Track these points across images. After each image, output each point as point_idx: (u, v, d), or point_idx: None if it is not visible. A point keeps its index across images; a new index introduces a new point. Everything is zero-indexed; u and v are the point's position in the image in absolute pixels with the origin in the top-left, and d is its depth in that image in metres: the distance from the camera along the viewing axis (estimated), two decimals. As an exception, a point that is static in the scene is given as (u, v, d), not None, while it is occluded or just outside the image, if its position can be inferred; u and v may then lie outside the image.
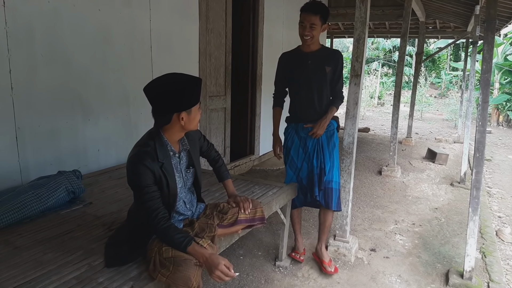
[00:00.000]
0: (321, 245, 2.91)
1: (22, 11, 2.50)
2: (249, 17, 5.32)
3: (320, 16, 2.51)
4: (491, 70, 2.66)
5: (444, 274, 2.92)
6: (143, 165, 1.60)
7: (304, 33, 2.54)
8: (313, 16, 2.49)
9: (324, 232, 2.89)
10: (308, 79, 2.65)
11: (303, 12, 2.54)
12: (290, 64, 2.71)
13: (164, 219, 1.63)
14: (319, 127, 2.66)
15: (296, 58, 2.69)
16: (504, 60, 12.60)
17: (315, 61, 2.64)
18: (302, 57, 2.66)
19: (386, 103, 16.67)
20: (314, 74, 2.64)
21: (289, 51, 2.78)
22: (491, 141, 9.32)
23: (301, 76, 2.66)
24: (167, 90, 1.62)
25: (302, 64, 2.65)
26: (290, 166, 2.84)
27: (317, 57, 2.64)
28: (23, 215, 2.07)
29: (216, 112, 4.69)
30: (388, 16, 8.11)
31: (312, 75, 2.64)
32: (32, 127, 2.64)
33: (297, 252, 3.00)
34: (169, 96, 1.62)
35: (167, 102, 1.63)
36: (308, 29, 2.52)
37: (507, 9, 4.80)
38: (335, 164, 2.73)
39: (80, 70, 2.93)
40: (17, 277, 1.56)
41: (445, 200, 4.66)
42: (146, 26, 3.47)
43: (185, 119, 1.67)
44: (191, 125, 1.71)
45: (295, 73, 2.68)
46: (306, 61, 2.64)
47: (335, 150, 2.75)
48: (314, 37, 2.56)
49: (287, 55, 2.76)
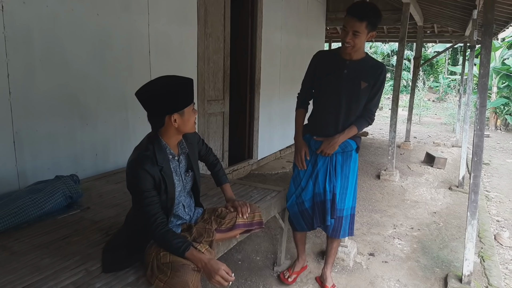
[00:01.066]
0: (326, 270, 2.74)
1: (20, 16, 2.50)
2: (248, 22, 5.34)
3: (368, 23, 2.13)
4: (489, 74, 2.66)
5: (443, 279, 2.91)
6: (143, 169, 1.59)
7: (346, 40, 2.17)
8: (357, 22, 2.11)
9: (332, 256, 2.71)
10: (338, 90, 2.29)
11: (348, 15, 2.15)
12: (323, 66, 2.35)
13: (163, 224, 1.62)
14: (328, 146, 2.33)
15: (332, 62, 2.32)
16: (502, 64, 12.67)
17: (351, 72, 2.27)
18: (339, 63, 2.29)
19: (384, 107, 16.68)
20: (346, 86, 2.28)
21: (328, 50, 2.47)
22: (489, 145, 9.34)
23: (330, 84, 2.31)
24: (157, 92, 1.63)
25: (336, 71, 2.29)
26: (293, 181, 2.54)
27: (355, 68, 2.27)
28: (20, 220, 2.06)
29: (214, 116, 4.69)
30: (386, 21, 8.13)
31: (344, 87, 2.28)
32: (30, 132, 2.64)
33: (290, 271, 2.77)
34: (160, 99, 1.62)
35: (158, 105, 1.64)
36: (350, 35, 2.15)
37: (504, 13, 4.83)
38: (349, 190, 2.44)
39: (78, 75, 2.93)
40: (14, 283, 1.55)
41: (444, 204, 4.66)
42: (144, 30, 3.48)
43: (178, 121, 1.66)
44: (185, 127, 1.70)
45: (326, 79, 2.32)
46: (342, 70, 2.28)
47: (350, 175, 2.42)
48: (356, 46, 2.19)
49: (323, 55, 2.42)
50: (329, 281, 2.71)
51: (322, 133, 2.40)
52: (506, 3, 4.08)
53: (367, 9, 2.14)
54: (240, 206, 2.04)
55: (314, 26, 7.69)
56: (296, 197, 2.53)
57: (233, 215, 2.02)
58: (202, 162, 2.18)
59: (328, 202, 2.40)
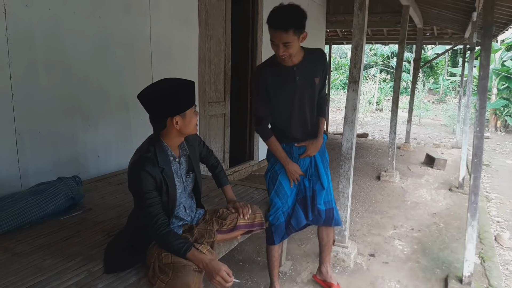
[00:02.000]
0: (327, 267, 2.65)
1: (22, 18, 2.52)
2: (248, 24, 5.36)
3: (294, 30, 1.98)
4: (489, 76, 2.68)
5: (443, 280, 2.92)
6: (144, 170, 1.60)
7: (279, 54, 2.06)
8: (284, 34, 1.98)
9: (328, 251, 2.62)
10: (297, 97, 2.23)
11: (271, 28, 2.01)
12: (274, 81, 2.20)
13: (164, 225, 1.63)
14: (314, 148, 2.32)
15: (280, 74, 2.19)
16: (501, 66, 12.68)
17: (302, 76, 2.20)
18: (288, 73, 2.18)
19: (384, 108, 16.71)
20: (306, 91, 2.23)
21: (268, 63, 2.24)
22: (489, 147, 9.35)
23: (288, 95, 2.22)
24: (159, 94, 1.64)
25: (289, 82, 2.19)
26: (277, 194, 2.37)
27: (303, 70, 2.20)
28: (22, 221, 2.07)
29: (215, 118, 4.70)
30: (386, 23, 8.16)
31: (304, 94, 2.23)
32: (32, 133, 2.65)
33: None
34: (161, 101, 1.63)
35: (160, 107, 1.64)
36: (282, 48, 2.03)
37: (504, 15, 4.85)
38: (330, 181, 2.44)
39: (80, 77, 2.95)
40: (16, 284, 1.56)
41: (444, 205, 4.67)
42: (146, 33, 3.50)
43: (180, 123, 1.67)
44: (187, 129, 1.71)
45: (282, 92, 2.21)
46: (294, 77, 2.18)
47: (328, 167, 2.46)
48: (292, 55, 2.09)
49: (267, 70, 2.21)
50: (334, 279, 2.64)
51: (298, 137, 2.34)
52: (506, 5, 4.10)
53: (288, 17, 1.97)
54: (241, 207, 2.05)
55: (314, 28, 7.71)
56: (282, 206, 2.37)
57: (234, 216, 2.03)
58: (203, 164, 2.19)
59: (308, 198, 2.38)
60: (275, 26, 1.99)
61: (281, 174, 2.37)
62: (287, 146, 2.36)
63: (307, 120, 2.32)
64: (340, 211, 3.04)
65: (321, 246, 2.64)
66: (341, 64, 22.08)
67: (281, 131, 2.33)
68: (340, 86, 20.50)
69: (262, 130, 2.31)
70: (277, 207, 2.36)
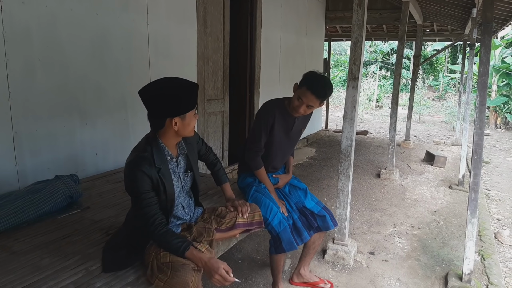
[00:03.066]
0: (306, 268, 2.72)
1: (19, 16, 2.50)
2: (247, 21, 5.33)
3: (321, 100, 2.36)
4: (488, 73, 2.66)
5: (443, 277, 2.91)
6: (140, 170, 1.59)
7: (299, 110, 2.36)
8: (315, 99, 2.31)
9: (311, 255, 2.68)
10: (292, 142, 2.62)
11: (307, 89, 2.29)
12: (278, 125, 2.46)
13: (162, 224, 1.62)
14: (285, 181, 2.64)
15: (285, 120, 2.48)
16: (502, 62, 12.65)
17: (296, 126, 2.55)
18: (290, 121, 2.50)
19: (384, 105, 16.68)
20: (294, 137, 2.61)
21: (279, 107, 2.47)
22: (489, 144, 9.34)
23: (284, 141, 2.54)
24: (161, 94, 1.61)
25: (288, 129, 2.52)
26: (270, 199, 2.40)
27: (299, 123, 2.56)
28: (20, 220, 2.06)
29: (214, 115, 4.69)
30: (386, 19, 8.13)
31: (294, 139, 2.61)
32: (30, 132, 2.63)
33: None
34: (163, 100, 1.61)
35: (161, 106, 1.62)
36: (304, 108, 2.35)
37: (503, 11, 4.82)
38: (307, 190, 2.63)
39: (77, 74, 2.93)
40: (14, 282, 1.55)
41: (444, 202, 4.66)
42: (143, 30, 3.48)
43: (178, 125, 1.65)
44: (185, 130, 1.69)
45: (279, 135, 2.49)
46: (292, 126, 2.52)
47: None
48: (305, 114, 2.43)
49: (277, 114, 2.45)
50: (314, 277, 2.72)
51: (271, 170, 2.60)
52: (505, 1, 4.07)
53: (326, 89, 2.33)
54: (240, 206, 2.04)
55: (314, 25, 7.69)
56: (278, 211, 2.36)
57: (233, 214, 2.02)
58: (202, 162, 2.18)
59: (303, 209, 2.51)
60: (315, 93, 2.28)
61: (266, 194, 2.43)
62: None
63: (286, 157, 2.68)
64: (340, 209, 3.03)
65: (309, 249, 2.63)
66: (341, 61, 22.05)
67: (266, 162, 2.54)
68: (339, 83, 20.47)
69: (256, 160, 2.48)
70: (274, 212, 2.31)
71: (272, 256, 2.43)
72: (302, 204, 2.51)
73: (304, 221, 2.45)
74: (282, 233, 2.29)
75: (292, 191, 2.62)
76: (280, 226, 2.30)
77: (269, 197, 2.40)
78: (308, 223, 2.47)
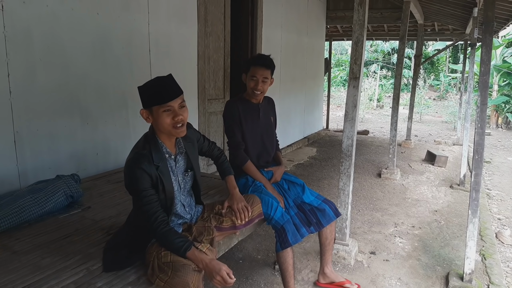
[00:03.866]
0: (330, 267, 2.67)
1: (20, 15, 2.50)
2: (248, 21, 5.33)
3: (271, 70, 2.52)
4: (490, 72, 2.66)
5: (444, 277, 2.91)
6: (140, 168, 1.60)
7: (257, 88, 2.50)
8: (265, 70, 2.49)
9: (330, 251, 2.65)
10: (261, 131, 2.64)
11: (256, 65, 2.50)
12: (245, 115, 2.57)
13: (164, 222, 1.62)
14: (280, 173, 2.66)
15: (249, 110, 2.59)
16: (503, 62, 12.64)
17: (263, 114, 2.64)
18: (255, 110, 2.60)
19: (385, 105, 16.67)
20: (267, 126, 2.67)
21: (238, 100, 2.61)
22: (490, 143, 9.33)
23: (254, 129, 2.60)
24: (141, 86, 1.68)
25: (255, 118, 2.60)
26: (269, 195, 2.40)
27: (264, 109, 2.65)
28: (21, 220, 2.06)
29: (215, 115, 4.69)
30: (387, 19, 8.13)
31: (267, 127, 2.68)
32: (31, 131, 2.64)
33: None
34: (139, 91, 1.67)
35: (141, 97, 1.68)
36: (260, 83, 2.50)
37: (505, 11, 4.82)
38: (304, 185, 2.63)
39: (78, 74, 2.93)
40: (15, 282, 1.55)
41: (445, 202, 4.66)
42: (144, 29, 3.48)
43: (151, 118, 1.68)
44: (158, 125, 1.68)
45: (250, 126, 2.58)
46: (258, 114, 2.61)
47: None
48: (264, 91, 2.56)
49: (239, 106, 2.56)
50: (340, 277, 2.65)
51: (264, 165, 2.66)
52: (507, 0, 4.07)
53: (270, 60, 2.53)
54: (239, 212, 2.03)
55: (314, 25, 7.69)
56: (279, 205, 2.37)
57: (232, 218, 2.02)
58: (208, 157, 2.19)
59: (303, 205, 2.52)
60: (260, 64, 2.48)
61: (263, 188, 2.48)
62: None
63: (270, 151, 2.71)
64: (341, 209, 3.03)
65: (325, 246, 2.61)
66: (342, 61, 22.03)
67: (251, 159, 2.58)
68: (340, 82, 20.46)
69: (240, 155, 2.54)
70: (275, 206, 2.32)
71: (279, 254, 2.34)
72: (300, 200, 2.53)
73: (302, 218, 2.44)
74: (286, 224, 2.31)
75: (290, 187, 2.63)
76: (283, 218, 2.32)
77: (267, 193, 2.40)
78: (307, 219, 2.45)
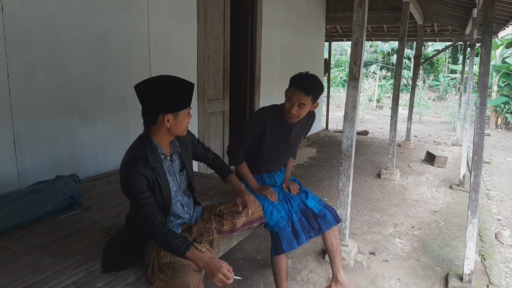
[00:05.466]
0: (342, 273, 2.60)
1: (20, 16, 2.50)
2: (248, 21, 5.34)
3: (312, 96, 2.24)
4: (489, 73, 2.66)
5: (444, 277, 2.91)
6: (135, 170, 1.59)
7: (291, 111, 2.25)
8: (304, 96, 2.20)
9: (338, 256, 2.57)
10: (287, 149, 2.52)
11: (294, 87, 2.22)
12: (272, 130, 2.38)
13: (162, 224, 1.62)
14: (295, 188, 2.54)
15: (280, 127, 2.40)
16: (502, 62, 12.65)
17: (295, 134, 2.47)
18: (287, 129, 2.41)
19: (384, 106, 16.67)
20: (294, 144, 2.55)
21: (274, 113, 2.39)
22: (490, 144, 9.33)
23: (282, 147, 2.47)
24: (157, 90, 1.63)
25: (284, 137, 2.43)
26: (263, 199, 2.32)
27: (298, 130, 2.46)
28: (21, 220, 2.06)
29: (214, 115, 4.69)
30: (386, 20, 8.13)
31: (293, 145, 2.55)
32: (30, 132, 2.64)
33: None
34: (157, 96, 1.62)
35: (155, 102, 1.63)
36: (296, 108, 2.24)
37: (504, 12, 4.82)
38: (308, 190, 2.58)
39: (78, 75, 2.93)
40: (15, 283, 1.55)
41: (444, 203, 4.66)
42: (144, 30, 3.48)
43: (171, 122, 1.66)
44: (177, 129, 1.69)
45: (274, 142, 2.43)
46: (289, 135, 2.43)
47: None
48: (300, 117, 2.31)
49: (271, 120, 2.37)
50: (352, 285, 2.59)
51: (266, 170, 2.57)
52: (506, 1, 4.07)
53: (312, 83, 2.23)
54: (249, 203, 2.06)
55: (314, 25, 7.69)
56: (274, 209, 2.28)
57: (232, 217, 2.02)
58: (203, 162, 2.18)
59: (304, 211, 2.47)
60: (299, 88, 2.20)
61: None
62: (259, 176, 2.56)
63: (284, 161, 2.63)
64: (340, 209, 3.03)
65: (332, 252, 2.56)
66: (341, 61, 22.04)
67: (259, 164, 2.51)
68: (340, 83, 20.46)
69: (236, 156, 2.44)
70: (270, 210, 2.26)
71: (272, 258, 2.34)
72: (304, 205, 2.49)
73: (304, 223, 2.40)
74: (281, 231, 2.27)
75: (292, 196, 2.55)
76: (279, 224, 2.28)
77: (263, 198, 2.33)
78: (309, 225, 2.43)
